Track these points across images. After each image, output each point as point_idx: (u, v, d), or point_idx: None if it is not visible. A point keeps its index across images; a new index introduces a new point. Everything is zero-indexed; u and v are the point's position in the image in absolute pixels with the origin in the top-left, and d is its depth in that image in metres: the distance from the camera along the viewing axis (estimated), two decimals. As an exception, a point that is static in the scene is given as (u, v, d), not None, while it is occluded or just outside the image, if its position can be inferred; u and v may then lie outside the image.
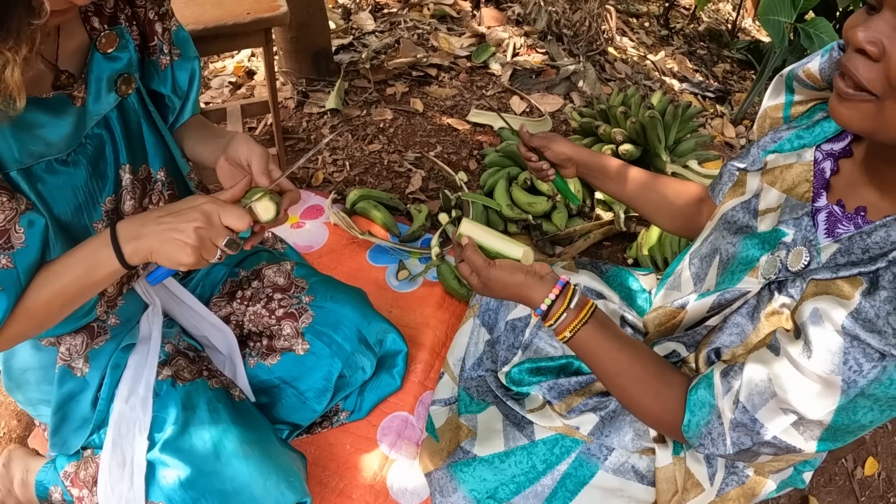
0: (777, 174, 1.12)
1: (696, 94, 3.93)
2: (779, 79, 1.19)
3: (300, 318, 1.56)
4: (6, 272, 1.01)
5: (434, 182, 2.65)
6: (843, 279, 0.90)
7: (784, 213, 1.07)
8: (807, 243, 0.99)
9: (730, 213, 1.20)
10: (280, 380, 1.58)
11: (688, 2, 5.74)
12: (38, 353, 1.33)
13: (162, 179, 1.32)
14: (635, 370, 1.12)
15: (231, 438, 1.31)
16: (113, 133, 1.20)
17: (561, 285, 1.14)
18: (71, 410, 1.37)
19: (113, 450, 1.30)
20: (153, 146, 1.29)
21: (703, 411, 1.04)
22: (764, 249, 1.06)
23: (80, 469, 1.43)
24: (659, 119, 2.43)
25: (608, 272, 1.66)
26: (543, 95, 3.30)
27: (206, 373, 1.44)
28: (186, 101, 1.37)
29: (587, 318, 1.13)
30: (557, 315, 1.12)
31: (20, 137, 1.02)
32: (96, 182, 1.18)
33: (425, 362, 1.84)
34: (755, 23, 5.85)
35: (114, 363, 1.35)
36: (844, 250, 0.92)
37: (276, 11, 2.03)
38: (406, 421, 1.74)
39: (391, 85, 3.22)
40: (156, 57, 1.27)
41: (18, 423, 1.90)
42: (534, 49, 3.68)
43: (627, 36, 4.43)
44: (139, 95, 1.25)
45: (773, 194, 1.11)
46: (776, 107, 1.20)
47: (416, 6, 3.96)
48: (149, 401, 1.32)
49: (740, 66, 4.83)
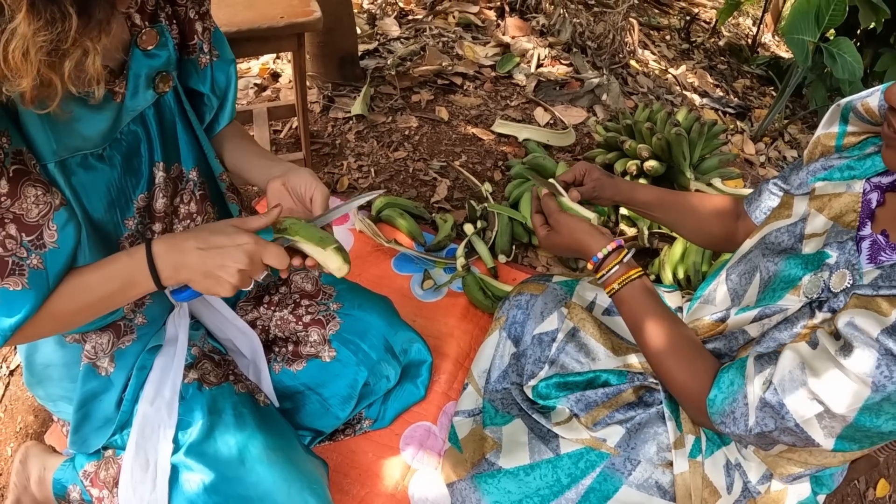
0: (825, 201, 1.15)
1: (717, 109, 3.94)
2: (835, 108, 1.21)
3: (327, 325, 1.56)
4: (36, 272, 1.02)
5: (459, 191, 2.66)
6: (882, 297, 0.95)
7: (829, 237, 1.11)
8: (850, 266, 1.04)
9: (773, 234, 1.23)
10: (305, 386, 1.57)
11: (709, 16, 5.75)
12: (62, 350, 1.31)
13: (194, 179, 1.33)
14: (672, 336, 1.21)
15: (256, 444, 1.30)
16: (149, 130, 1.21)
17: (618, 243, 1.28)
18: (93, 409, 1.35)
19: (136, 451, 1.30)
20: (186, 145, 1.30)
21: (731, 389, 1.09)
22: (807, 269, 1.10)
23: (101, 469, 1.41)
24: (685, 136, 2.44)
25: None
26: (567, 107, 3.31)
27: (231, 377, 1.43)
28: (224, 103, 1.38)
29: (635, 278, 1.26)
30: (610, 266, 1.27)
31: (57, 130, 1.02)
32: (130, 179, 1.20)
33: (449, 373, 1.85)
34: (775, 38, 5.85)
35: (140, 364, 1.34)
36: (885, 276, 0.98)
37: (309, 17, 2.04)
38: (429, 431, 1.75)
39: (416, 92, 3.23)
40: (195, 56, 1.28)
41: (35, 419, 1.90)
42: (558, 60, 3.69)
43: (649, 49, 4.44)
44: (176, 94, 1.26)
45: (820, 220, 1.15)
46: (829, 135, 1.23)
47: (442, 14, 3.98)
48: (174, 403, 1.32)
49: (760, 81, 4.84)
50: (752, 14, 6.42)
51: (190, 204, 1.34)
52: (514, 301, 1.66)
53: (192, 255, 1.07)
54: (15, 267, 1.00)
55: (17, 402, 1.95)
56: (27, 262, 1.01)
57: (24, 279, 1.01)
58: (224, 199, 1.45)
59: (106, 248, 1.18)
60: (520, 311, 1.64)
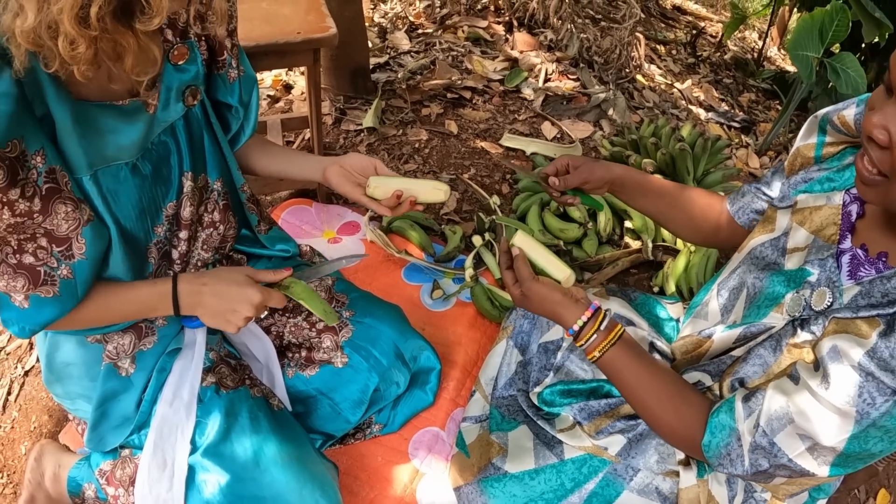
0: (806, 214, 1.17)
1: (722, 123, 3.98)
2: (813, 119, 1.23)
3: (340, 332, 1.60)
4: (66, 282, 1.12)
5: (468, 204, 2.71)
6: (862, 319, 0.97)
7: (810, 252, 1.13)
8: (830, 284, 1.06)
9: (758, 248, 1.25)
10: (317, 391, 1.61)
11: (715, 30, 5.79)
12: (83, 349, 1.35)
13: (218, 189, 1.40)
14: (657, 388, 1.21)
15: (270, 447, 1.35)
16: (178, 141, 1.28)
17: (593, 309, 1.24)
18: (111, 408, 1.39)
19: (154, 451, 1.34)
20: (212, 156, 1.37)
21: (724, 433, 1.11)
22: (789, 287, 1.13)
23: (117, 468, 1.44)
24: (689, 151, 2.50)
25: (637, 299, 1.71)
26: (574, 122, 3.37)
27: (247, 381, 1.47)
28: (248, 116, 1.45)
29: (615, 340, 1.22)
30: (588, 336, 1.23)
31: (93, 143, 1.08)
32: (160, 188, 1.26)
33: (457, 380, 1.89)
34: (780, 52, 5.88)
35: (160, 366, 1.39)
36: (865, 293, 1.00)
37: (325, 32, 2.07)
38: (437, 436, 1.79)
39: (426, 106, 3.29)
40: (224, 71, 1.35)
41: (50, 419, 1.94)
42: (565, 75, 3.75)
43: (655, 63, 4.48)
44: (203, 107, 1.32)
45: (801, 234, 1.17)
46: (808, 146, 1.24)
47: (451, 28, 4.04)
48: (193, 405, 1.36)
49: (765, 95, 4.87)
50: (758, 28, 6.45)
51: (214, 213, 1.40)
52: (521, 311, 1.71)
53: (209, 298, 1.26)
54: (47, 277, 1.09)
55: (31, 401, 1.99)
56: (58, 272, 1.10)
57: (56, 287, 1.11)
58: (244, 209, 1.52)
59: (136, 254, 1.26)
60: (526, 321, 1.69)
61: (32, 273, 1.08)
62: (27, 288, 1.08)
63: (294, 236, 2.27)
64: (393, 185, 1.36)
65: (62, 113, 1.01)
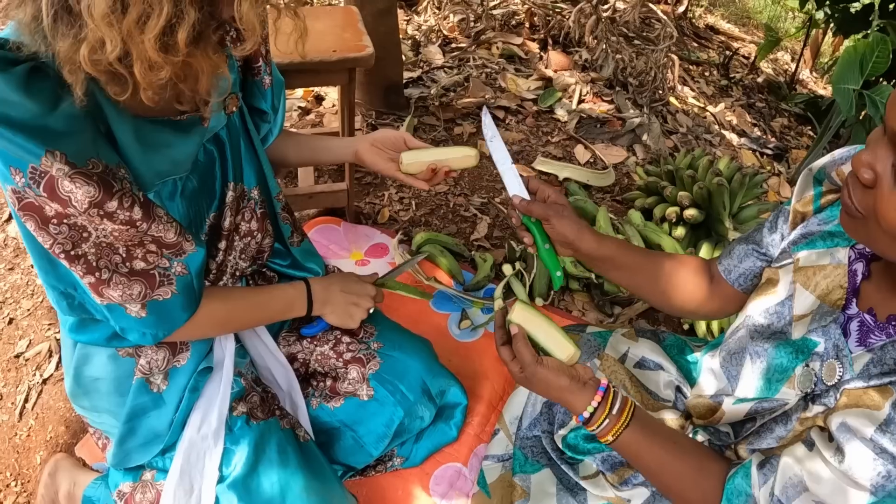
0: (810, 275, 1.10)
1: (755, 150, 3.93)
2: (807, 174, 1.16)
3: (367, 364, 1.57)
4: (182, 279, 1.17)
5: (499, 230, 2.69)
6: (874, 388, 0.93)
7: (814, 320, 1.07)
8: (838, 353, 1.00)
9: (762, 314, 1.17)
10: (341, 423, 1.59)
11: (748, 51, 5.73)
12: (114, 364, 1.33)
13: (256, 198, 1.41)
14: (675, 465, 1.15)
15: (297, 482, 1.34)
16: (224, 150, 1.29)
17: (602, 391, 1.16)
18: (140, 424, 1.37)
19: (181, 477, 1.33)
20: (249, 164, 1.38)
21: (740, 499, 1.07)
22: (798, 359, 1.07)
23: (137, 491, 1.42)
24: (726, 187, 2.46)
25: (666, 340, 1.67)
26: (607, 146, 3.33)
27: (278, 412, 1.46)
28: (276, 119, 1.48)
29: (628, 422, 1.15)
30: (600, 421, 1.15)
31: (153, 159, 1.10)
32: (205, 199, 1.28)
33: (482, 415, 1.86)
34: (813, 74, 5.82)
35: (192, 386, 1.38)
36: (877, 360, 0.95)
37: (362, 52, 2.03)
38: (459, 472, 1.75)
39: (459, 124, 3.27)
40: (260, 77, 1.37)
41: (67, 430, 1.92)
42: (599, 97, 3.72)
43: (688, 85, 4.44)
44: (240, 114, 1.33)
45: (806, 299, 1.10)
46: (805, 202, 1.17)
47: (485, 44, 4.02)
48: (221, 432, 1.35)
49: (798, 120, 4.81)
50: (791, 49, 6.39)
51: (251, 222, 1.42)
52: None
53: (338, 295, 1.47)
54: (163, 278, 1.14)
55: (48, 410, 1.98)
56: (171, 270, 1.15)
57: (173, 287, 1.16)
58: (279, 218, 1.53)
59: None
60: None
61: (147, 277, 1.11)
62: (144, 295, 1.12)
63: (323, 255, 2.26)
64: (425, 159, 1.40)
65: (123, 130, 1.02)
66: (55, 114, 0.91)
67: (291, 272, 1.62)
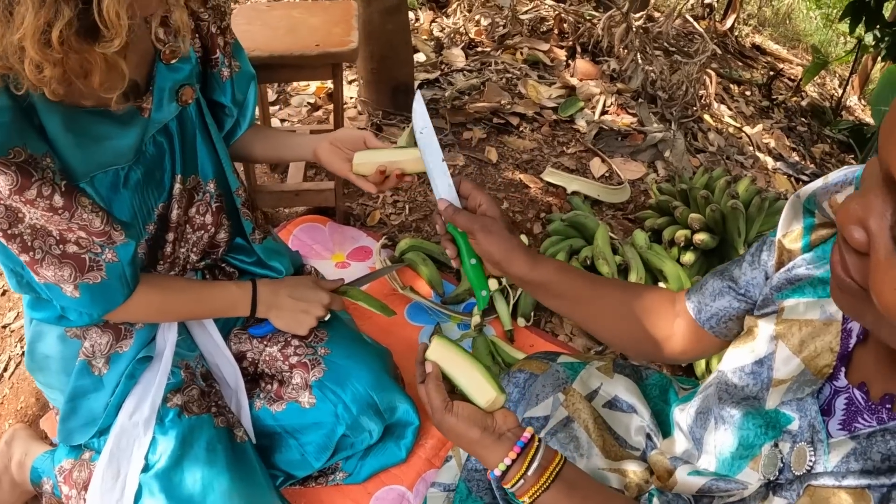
0: (795, 331, 0.88)
1: (790, 175, 3.72)
2: (794, 201, 0.92)
3: (311, 370, 1.52)
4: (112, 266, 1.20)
5: (492, 241, 2.51)
6: (847, 490, 0.72)
7: (790, 389, 0.85)
8: (814, 436, 0.79)
9: (736, 373, 0.96)
10: (283, 428, 1.54)
11: (794, 73, 5.51)
12: (62, 344, 1.37)
13: (211, 191, 1.42)
14: None
15: (222, 482, 1.33)
16: (172, 141, 1.30)
17: (521, 446, 0.98)
18: (81, 405, 1.39)
19: (109, 460, 1.34)
20: (206, 157, 1.39)
21: None
22: (766, 436, 0.87)
23: (75, 469, 1.44)
24: (742, 211, 2.27)
25: (648, 378, 1.49)
26: (626, 160, 3.15)
27: (214, 409, 1.44)
28: (244, 112, 1.48)
29: (548, 484, 0.96)
30: (514, 480, 0.97)
31: (87, 148, 1.12)
32: (152, 190, 1.29)
33: (438, 439, 1.72)
34: (861, 102, 5.58)
35: (129, 373, 1.38)
36: (860, 452, 0.73)
37: (344, 47, 1.97)
38: (403, 496, 1.64)
39: (469, 129, 3.12)
40: (217, 69, 1.36)
41: (37, 402, 1.96)
42: (624, 109, 3.53)
43: (726, 103, 4.24)
44: (198, 106, 1.34)
45: (790, 362, 0.88)
46: (793, 236, 0.93)
47: (510, 48, 3.87)
48: (151, 421, 1.35)
49: (840, 148, 4.57)
50: (839, 74, 6.14)
51: (206, 215, 1.43)
52: (512, 378, 1.51)
53: (286, 301, 1.46)
54: (92, 263, 1.17)
55: (23, 381, 2.01)
56: (102, 256, 1.17)
57: (102, 272, 1.18)
58: (239, 214, 1.52)
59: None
60: (516, 390, 1.49)
61: (77, 261, 1.15)
62: (74, 277, 1.15)
63: (304, 255, 2.17)
64: (376, 160, 1.30)
65: (52, 121, 1.04)
66: None
67: (254, 269, 1.60)
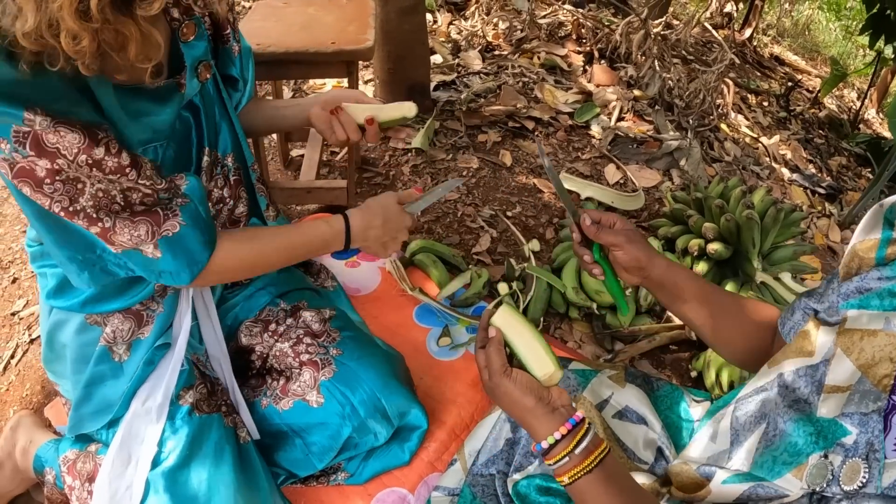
0: (856, 339, 0.85)
1: (806, 188, 3.69)
2: (876, 210, 0.92)
3: (322, 369, 1.50)
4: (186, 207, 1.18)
5: (504, 245, 2.51)
6: None
7: (852, 400, 0.83)
8: (870, 452, 0.77)
9: (791, 375, 0.95)
10: (289, 427, 1.52)
11: (812, 84, 5.48)
12: (82, 331, 1.36)
13: (229, 165, 1.43)
14: None
15: (227, 484, 1.33)
16: (199, 116, 1.31)
17: (572, 424, 1.00)
18: (96, 391, 1.38)
19: (121, 446, 1.34)
20: (225, 131, 1.40)
21: None
22: (817, 445, 0.84)
23: (80, 460, 1.43)
24: (757, 222, 2.24)
25: (660, 389, 1.48)
26: (641, 168, 3.13)
27: (224, 408, 1.44)
28: (245, 87, 1.50)
29: (591, 468, 0.97)
30: (559, 457, 0.98)
31: (136, 126, 1.14)
32: (181, 166, 1.29)
33: (441, 442, 1.70)
34: (879, 115, 5.53)
35: (148, 359, 1.38)
36: None
37: (360, 45, 1.96)
38: (403, 498, 1.61)
39: (484, 132, 3.11)
40: (229, 44, 1.39)
41: (42, 390, 1.97)
42: (640, 117, 3.51)
43: (743, 113, 4.22)
44: (214, 81, 1.35)
45: (845, 367, 0.86)
46: (868, 245, 0.93)
47: (528, 53, 3.86)
48: (165, 408, 1.35)
49: (857, 161, 4.54)
50: (857, 87, 6.10)
51: (224, 189, 1.43)
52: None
53: (376, 231, 1.42)
54: (167, 211, 1.15)
55: (29, 369, 2.02)
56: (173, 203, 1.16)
57: (178, 218, 1.16)
58: (254, 189, 1.53)
59: None
60: None
61: (151, 216, 1.13)
62: (152, 233, 1.13)
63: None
64: (361, 112, 1.41)
65: (107, 97, 1.06)
66: (33, 81, 0.95)
67: None
